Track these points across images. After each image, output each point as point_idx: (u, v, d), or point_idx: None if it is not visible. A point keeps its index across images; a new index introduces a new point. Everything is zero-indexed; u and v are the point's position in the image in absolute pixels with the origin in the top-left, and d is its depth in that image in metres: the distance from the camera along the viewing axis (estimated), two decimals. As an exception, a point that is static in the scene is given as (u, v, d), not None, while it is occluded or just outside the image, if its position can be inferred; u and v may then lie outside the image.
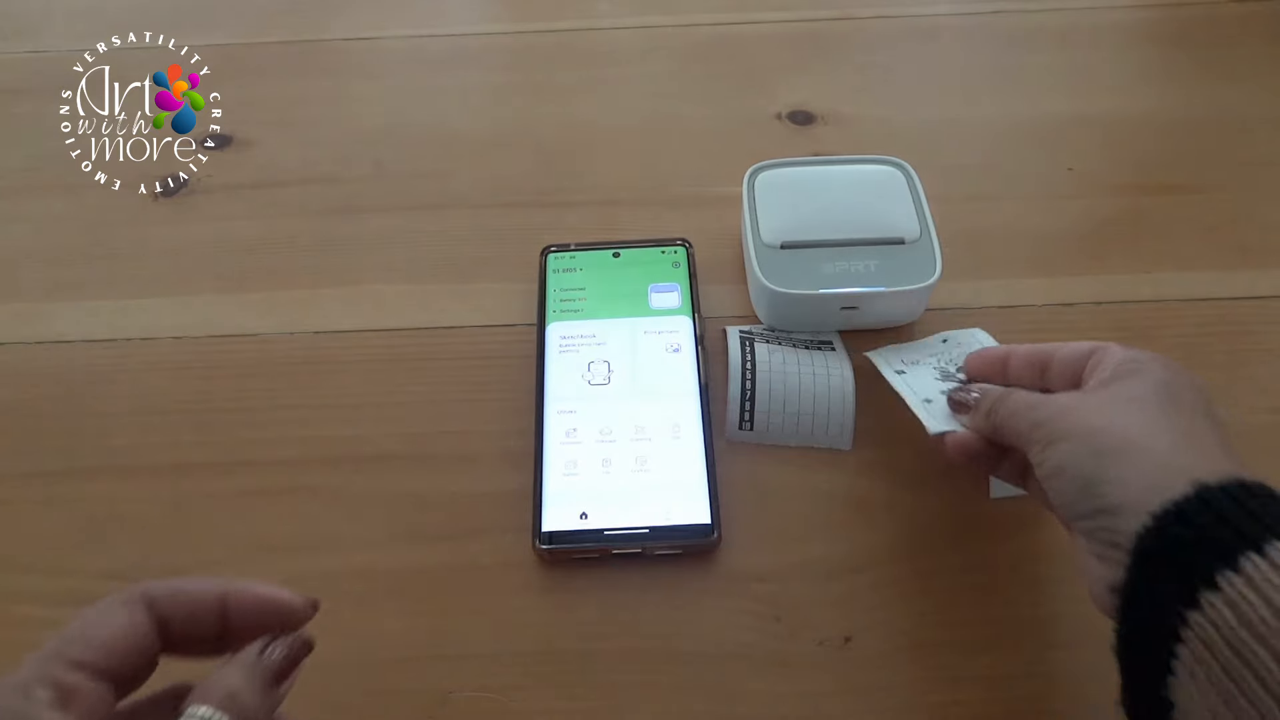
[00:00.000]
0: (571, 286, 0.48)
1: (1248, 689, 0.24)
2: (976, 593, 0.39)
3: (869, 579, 0.40)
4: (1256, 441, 0.43)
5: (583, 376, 0.45)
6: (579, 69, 0.63)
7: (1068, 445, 0.32)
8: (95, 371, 0.48)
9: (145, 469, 0.44)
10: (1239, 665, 0.25)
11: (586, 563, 0.40)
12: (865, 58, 0.63)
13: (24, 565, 0.41)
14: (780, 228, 0.46)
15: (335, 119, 0.60)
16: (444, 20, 0.66)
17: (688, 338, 0.46)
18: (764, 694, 0.37)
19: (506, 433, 0.44)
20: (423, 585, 0.40)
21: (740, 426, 0.44)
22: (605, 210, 0.54)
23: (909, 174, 0.48)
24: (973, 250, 0.50)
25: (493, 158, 0.57)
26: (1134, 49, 0.64)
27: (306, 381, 0.47)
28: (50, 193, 0.56)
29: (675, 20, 0.65)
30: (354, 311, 0.49)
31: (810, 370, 0.44)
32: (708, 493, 0.41)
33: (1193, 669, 0.26)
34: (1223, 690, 0.25)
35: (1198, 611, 0.26)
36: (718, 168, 0.55)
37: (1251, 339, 0.47)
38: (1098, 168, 0.55)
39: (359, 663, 0.38)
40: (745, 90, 0.61)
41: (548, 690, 0.38)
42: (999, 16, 0.65)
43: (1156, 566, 0.28)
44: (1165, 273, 0.50)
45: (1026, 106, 0.59)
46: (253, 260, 0.52)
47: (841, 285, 0.44)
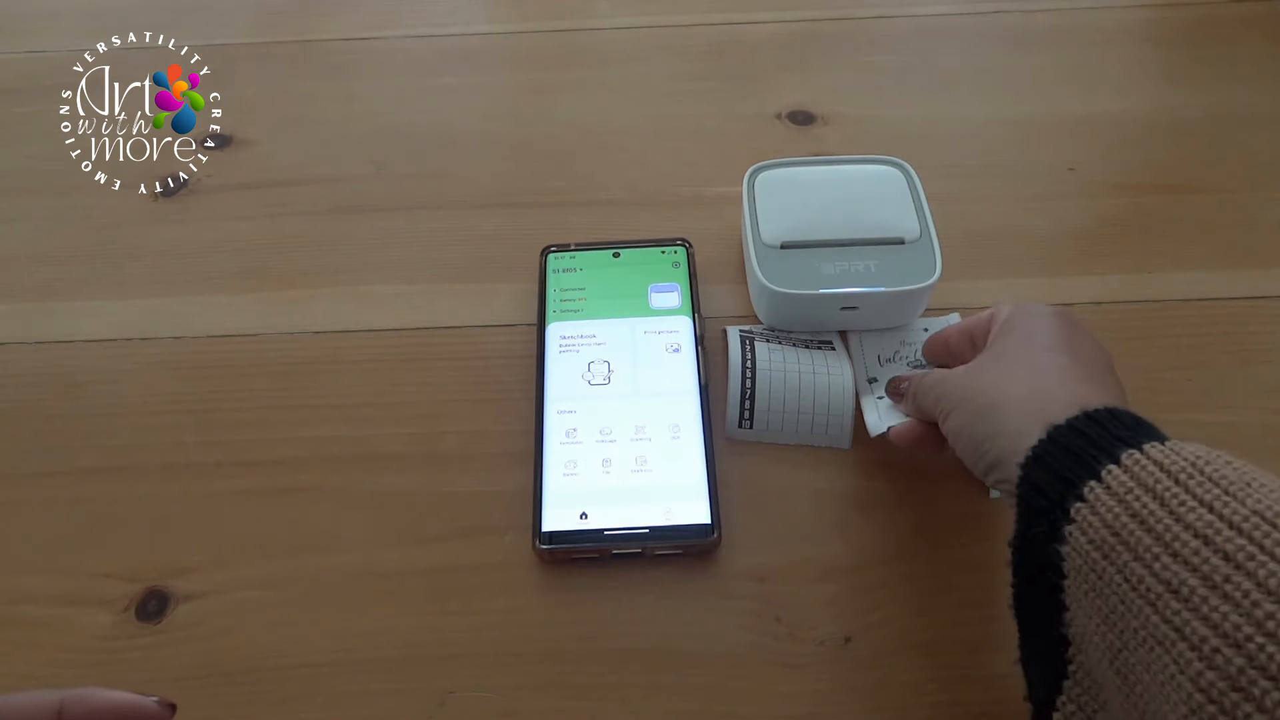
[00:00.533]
0: (571, 286, 0.48)
1: (1121, 594, 0.26)
2: (976, 592, 0.39)
3: (869, 579, 0.40)
4: (1257, 441, 0.43)
5: (583, 376, 0.45)
6: (579, 69, 0.63)
7: (958, 412, 0.34)
8: (95, 371, 0.48)
9: (145, 469, 0.44)
10: (1108, 576, 0.27)
11: (586, 563, 0.40)
12: (865, 58, 0.63)
13: (24, 565, 0.41)
14: (780, 228, 0.46)
15: (335, 119, 0.60)
16: (444, 20, 0.66)
17: (688, 338, 0.46)
18: (764, 694, 0.37)
19: (506, 433, 0.44)
20: (423, 585, 0.40)
21: (740, 424, 0.44)
22: (605, 210, 0.54)
23: (909, 174, 0.48)
24: (973, 250, 0.50)
25: (493, 158, 0.57)
26: (1134, 49, 0.64)
27: (306, 381, 0.47)
28: (50, 193, 0.56)
29: (675, 20, 0.65)
30: (354, 311, 0.49)
31: (810, 369, 0.44)
32: (708, 493, 0.41)
33: (1077, 596, 0.28)
34: (1103, 601, 0.27)
35: (1064, 545, 0.28)
36: (718, 168, 0.55)
37: (1251, 339, 0.47)
38: (1098, 168, 0.55)
39: (359, 663, 0.38)
40: (745, 90, 0.61)
41: (548, 690, 0.38)
42: (999, 16, 0.65)
43: (1029, 509, 0.29)
44: (1165, 273, 0.50)
45: (1026, 106, 0.59)
46: (252, 260, 0.52)
47: (841, 285, 0.44)
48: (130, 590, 0.40)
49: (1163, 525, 0.26)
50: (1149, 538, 0.26)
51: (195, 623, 0.39)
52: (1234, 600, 0.23)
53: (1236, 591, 0.24)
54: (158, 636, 0.39)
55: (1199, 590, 0.24)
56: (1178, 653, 0.24)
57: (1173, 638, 0.25)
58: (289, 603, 0.40)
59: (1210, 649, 0.23)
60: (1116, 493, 0.27)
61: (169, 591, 0.40)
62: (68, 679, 0.38)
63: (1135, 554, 0.26)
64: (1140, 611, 0.26)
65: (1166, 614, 0.25)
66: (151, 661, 0.38)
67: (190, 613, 0.40)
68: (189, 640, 0.39)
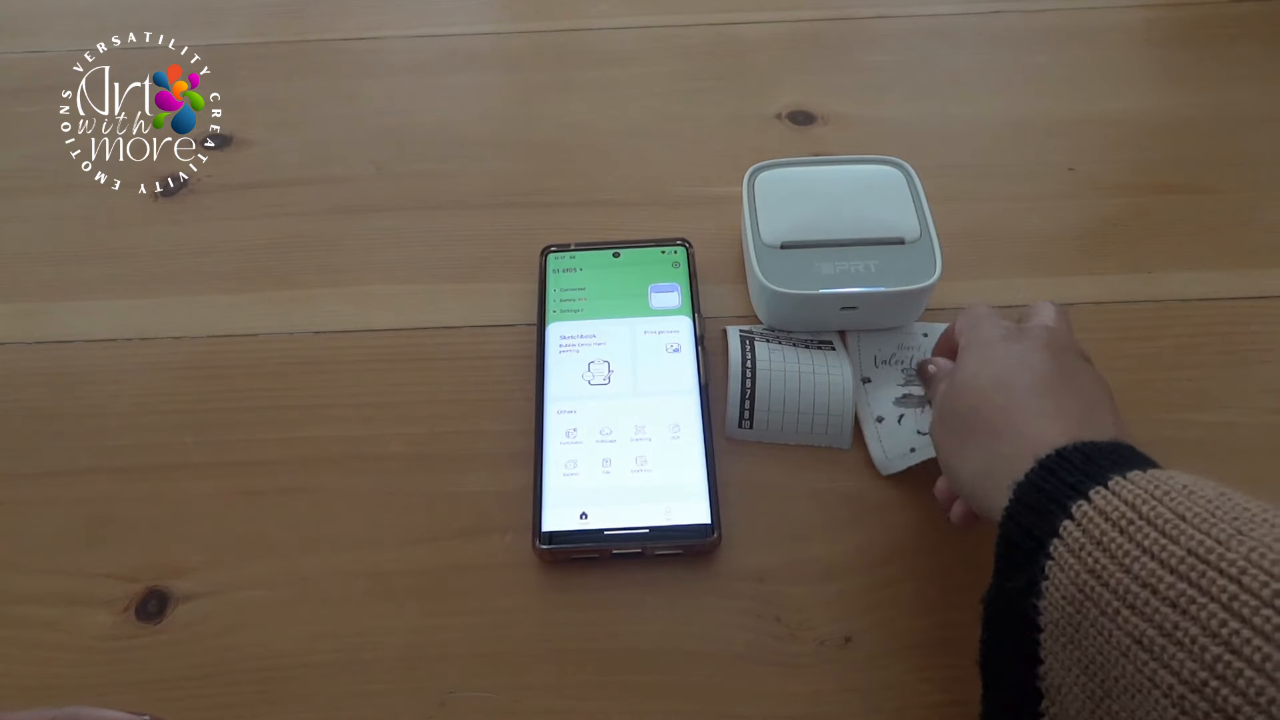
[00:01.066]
0: (571, 286, 0.48)
1: (1097, 645, 0.26)
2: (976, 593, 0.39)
3: (869, 579, 0.40)
4: (1257, 441, 0.43)
5: (583, 376, 0.45)
6: (579, 69, 0.63)
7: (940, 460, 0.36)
8: (95, 371, 0.48)
9: (145, 469, 0.44)
10: (1083, 630, 0.26)
11: (586, 563, 0.40)
12: (865, 58, 0.63)
13: (24, 565, 0.41)
14: (780, 228, 0.46)
15: (335, 119, 0.60)
16: (444, 20, 0.66)
17: (688, 338, 0.46)
18: (764, 694, 0.37)
19: (506, 433, 0.44)
20: (423, 585, 0.40)
21: (740, 424, 0.44)
22: (605, 210, 0.54)
23: (909, 174, 0.48)
24: (973, 250, 0.50)
25: (493, 158, 0.57)
26: (1134, 49, 0.64)
27: (306, 381, 0.47)
28: (50, 193, 0.56)
29: (675, 20, 0.65)
30: (354, 311, 0.49)
31: (810, 369, 0.44)
32: (708, 493, 0.41)
33: (1054, 649, 0.28)
34: (1081, 652, 0.27)
35: (1040, 599, 0.28)
36: (718, 168, 0.55)
37: (1251, 339, 0.47)
38: (1098, 168, 0.55)
39: (359, 663, 0.38)
40: (745, 90, 0.61)
41: (548, 690, 0.38)
42: (999, 16, 0.65)
43: (1005, 564, 0.30)
44: (1165, 273, 0.50)
45: (1026, 106, 0.59)
46: (252, 260, 0.52)
47: (841, 285, 0.44)
48: (130, 590, 0.40)
49: (1115, 579, 0.26)
50: (1107, 592, 0.26)
51: (195, 623, 0.39)
52: (1187, 648, 0.24)
53: (1186, 638, 0.24)
54: (158, 636, 0.39)
55: (1157, 640, 0.24)
56: (1154, 701, 0.24)
57: (1147, 686, 0.25)
58: (289, 603, 0.40)
59: (1178, 696, 0.24)
60: (1073, 549, 0.27)
61: (169, 591, 0.40)
62: (67, 679, 0.38)
63: (1100, 609, 0.26)
64: (1116, 662, 0.26)
65: (1137, 664, 0.25)
66: (151, 661, 0.38)
67: (190, 613, 0.40)
68: (189, 640, 0.39)
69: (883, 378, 0.45)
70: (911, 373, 0.45)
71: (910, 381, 0.44)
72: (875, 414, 0.43)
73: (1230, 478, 0.27)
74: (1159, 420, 0.44)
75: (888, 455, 0.43)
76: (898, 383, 0.45)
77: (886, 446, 0.43)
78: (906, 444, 0.42)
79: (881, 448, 0.43)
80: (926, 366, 0.42)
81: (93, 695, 0.37)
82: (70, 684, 0.38)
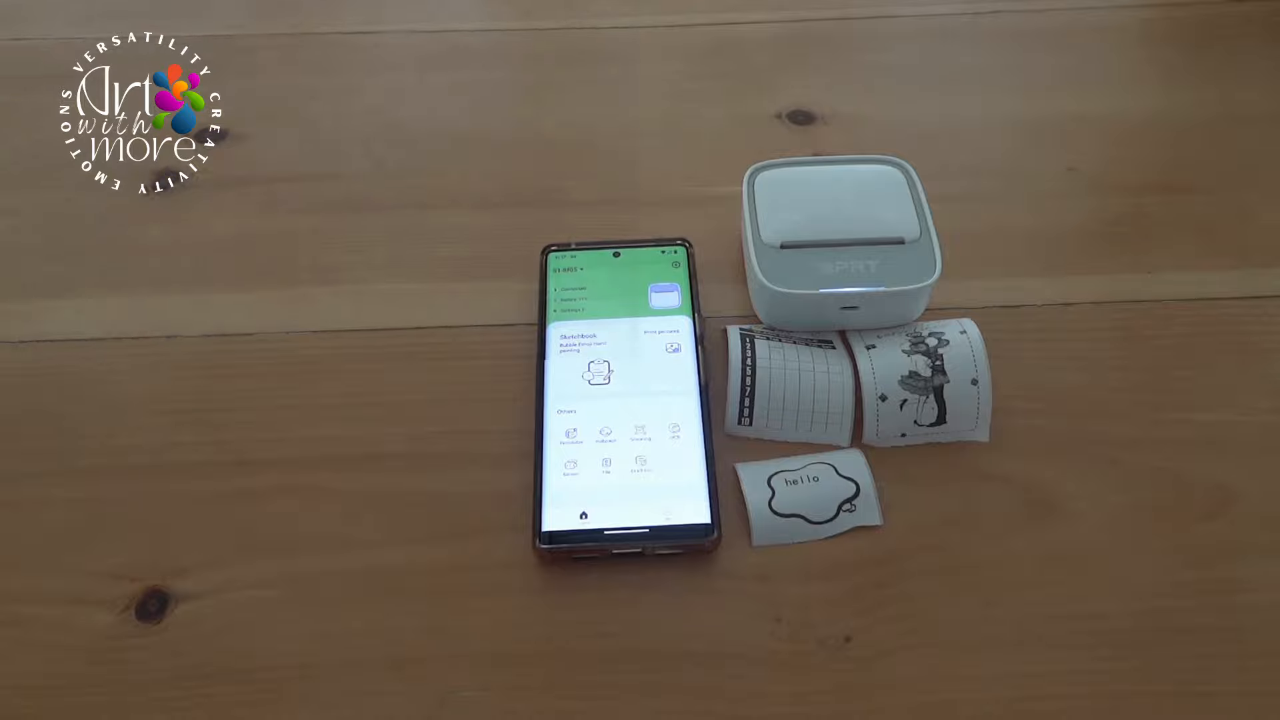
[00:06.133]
0: (572, 286, 0.48)
1: None
2: (976, 593, 0.39)
3: (869, 579, 0.40)
4: (1257, 441, 0.43)
5: (583, 376, 0.45)
6: (579, 68, 0.63)
7: None
8: (94, 371, 0.47)
9: (145, 469, 0.44)
10: None
11: (586, 563, 0.40)
12: (865, 58, 0.63)
13: (24, 565, 0.41)
14: (780, 228, 0.46)
15: (334, 115, 0.60)
16: (444, 17, 0.66)
17: (688, 337, 0.46)
18: (763, 694, 0.37)
19: (506, 433, 0.44)
20: (423, 585, 0.40)
21: (740, 420, 0.44)
22: (605, 210, 0.54)
23: (909, 174, 0.48)
24: (973, 250, 0.50)
25: (492, 157, 0.57)
26: (1134, 49, 0.64)
27: (306, 381, 0.47)
28: (49, 192, 0.56)
29: (675, 20, 0.65)
30: (353, 311, 0.49)
31: (810, 367, 0.44)
32: (708, 493, 0.41)
33: None
34: None
35: None
36: (718, 168, 0.55)
37: (1251, 339, 0.47)
38: (1098, 168, 0.55)
39: (359, 662, 0.38)
40: (745, 90, 0.61)
41: (548, 690, 0.38)
42: (999, 16, 0.65)
43: None
44: (1165, 273, 0.50)
45: (1026, 106, 0.59)
46: (251, 259, 0.52)
47: (841, 285, 0.44)
48: (130, 590, 0.40)
49: None
50: None
51: (195, 623, 0.39)
52: None
53: None
54: (158, 636, 0.39)
55: None
56: None
57: None
58: (289, 603, 0.40)
59: None
60: None
61: (169, 591, 0.40)
62: (68, 679, 0.38)
63: None
64: None
65: None
66: (151, 661, 0.38)
67: (190, 613, 0.40)
68: (189, 640, 0.39)
69: (887, 343, 0.45)
70: (916, 339, 0.44)
71: (915, 350, 0.44)
72: (879, 391, 0.43)
73: (1230, 478, 0.27)
74: (1159, 420, 0.44)
75: (880, 435, 0.43)
76: (902, 348, 0.44)
77: (881, 427, 0.43)
78: (899, 429, 0.43)
79: (876, 426, 0.43)
80: None
81: (93, 695, 0.37)
82: (70, 684, 0.38)
